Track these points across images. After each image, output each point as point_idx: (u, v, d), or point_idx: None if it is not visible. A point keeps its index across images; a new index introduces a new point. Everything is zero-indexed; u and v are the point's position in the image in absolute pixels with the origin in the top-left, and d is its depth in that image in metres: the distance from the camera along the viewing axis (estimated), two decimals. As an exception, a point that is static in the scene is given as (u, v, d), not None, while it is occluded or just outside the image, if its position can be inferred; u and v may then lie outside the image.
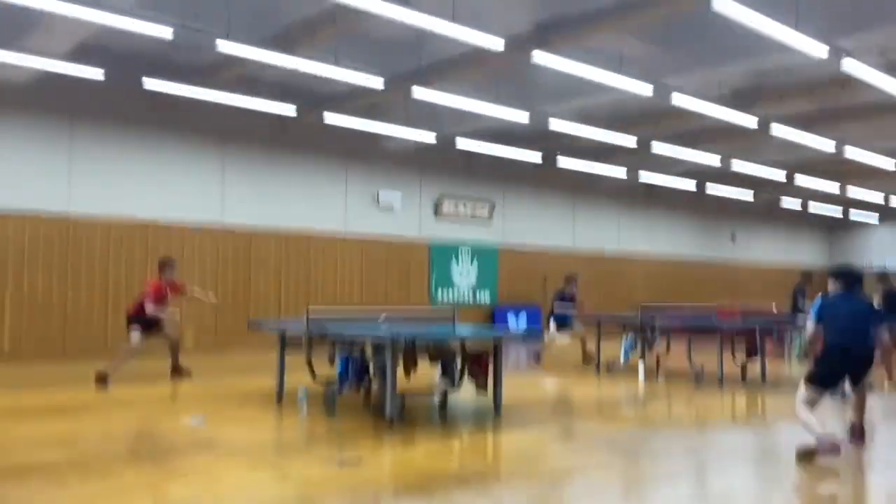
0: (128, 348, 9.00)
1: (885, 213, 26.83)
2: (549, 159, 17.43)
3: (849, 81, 11.24)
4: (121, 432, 6.21)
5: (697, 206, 23.60)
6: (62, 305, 12.38)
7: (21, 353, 11.83)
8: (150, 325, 9.11)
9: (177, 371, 9.51)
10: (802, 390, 5.76)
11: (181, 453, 5.47)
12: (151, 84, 11.52)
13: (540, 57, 9.79)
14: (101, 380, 8.79)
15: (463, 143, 15.47)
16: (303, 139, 15.07)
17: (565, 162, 17.29)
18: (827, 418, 6.41)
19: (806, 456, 5.37)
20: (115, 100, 12.78)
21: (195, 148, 13.92)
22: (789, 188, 21.70)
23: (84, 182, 12.67)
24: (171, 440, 5.89)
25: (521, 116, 12.95)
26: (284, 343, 8.23)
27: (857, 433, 6.09)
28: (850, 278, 6.17)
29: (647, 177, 19.06)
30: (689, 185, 20.33)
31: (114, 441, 5.87)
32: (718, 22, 9.33)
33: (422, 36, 11.07)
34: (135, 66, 12.01)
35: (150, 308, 8.95)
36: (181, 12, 9.53)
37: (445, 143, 15.38)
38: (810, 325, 6.11)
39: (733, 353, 10.88)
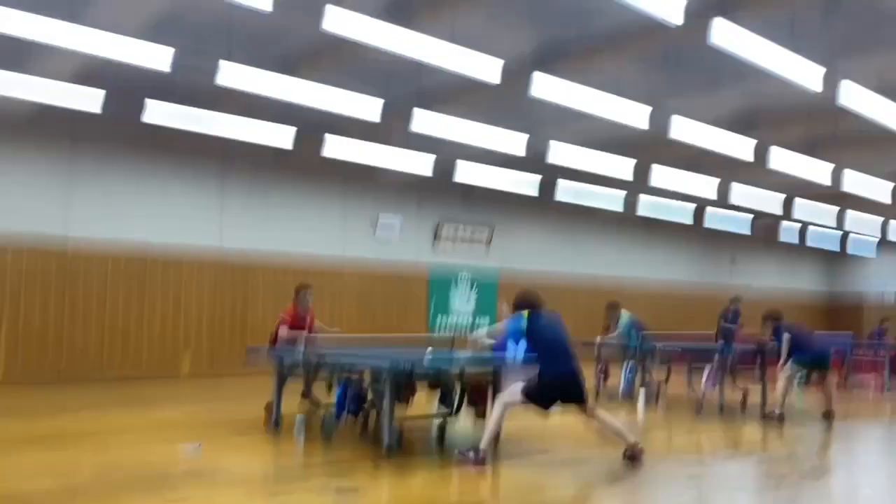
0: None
1: (884, 240, 26.83)
2: (547, 186, 17.43)
3: (846, 110, 11.30)
4: (116, 460, 6.13)
5: (697, 232, 23.60)
6: (58, 333, 12.32)
7: (16, 380, 11.74)
8: None
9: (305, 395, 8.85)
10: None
11: (177, 481, 5.40)
12: (151, 118, 11.38)
13: (538, 88, 9.70)
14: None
15: (461, 176, 15.28)
16: (302, 166, 15.10)
17: (563, 192, 17.17)
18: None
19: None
20: (114, 128, 12.81)
21: (194, 174, 13.95)
22: (787, 215, 21.69)
23: (83, 210, 12.67)
24: (167, 468, 5.81)
25: (519, 142, 12.95)
26: (282, 370, 8.16)
27: None
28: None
29: (645, 206, 18.94)
30: (688, 213, 20.31)
31: (109, 469, 5.79)
32: (715, 53, 9.39)
33: (420, 65, 11.14)
34: (134, 94, 12.06)
35: (282, 332, 8.65)
36: (181, 41, 9.57)
37: (444, 173, 15.40)
38: None
39: (734, 380, 10.82)
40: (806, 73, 8.86)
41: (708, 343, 11.99)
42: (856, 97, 9.55)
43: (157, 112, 11.27)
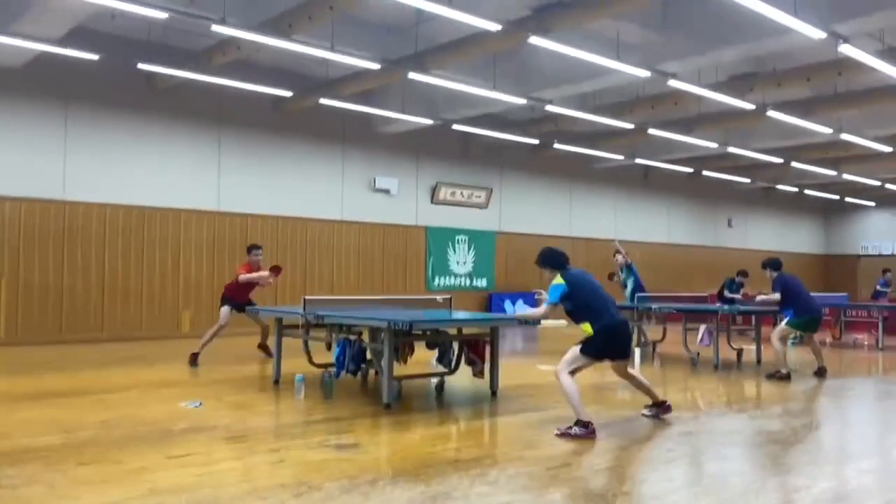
0: (218, 324, 9.75)
1: (881, 197, 26.85)
2: (546, 145, 17.39)
3: (846, 66, 11.22)
4: (118, 417, 6.21)
5: (694, 192, 23.58)
6: (58, 290, 12.37)
7: (18, 338, 11.83)
8: (238, 305, 9.95)
9: (263, 348, 10.26)
10: None
11: (179, 438, 5.48)
12: (147, 68, 11.45)
13: (537, 40, 9.74)
14: (193, 360, 9.53)
15: (460, 128, 15.37)
16: (299, 125, 15.02)
17: (562, 147, 17.23)
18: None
19: None
20: (110, 84, 12.72)
21: (191, 133, 13.87)
22: (786, 173, 21.68)
23: (79, 166, 12.63)
24: (169, 425, 5.90)
25: (517, 101, 12.90)
26: (282, 328, 8.24)
27: None
28: None
29: (644, 162, 18.98)
30: (685, 170, 20.30)
31: (111, 425, 5.87)
32: (716, 6, 9.30)
33: (418, 19, 11.02)
34: (130, 49, 11.95)
35: (242, 278, 9.84)
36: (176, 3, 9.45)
37: (442, 128, 15.32)
38: None
39: (728, 338, 10.93)
40: (805, 25, 8.81)
41: (704, 304, 12.09)
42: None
43: (153, 68, 11.23)
